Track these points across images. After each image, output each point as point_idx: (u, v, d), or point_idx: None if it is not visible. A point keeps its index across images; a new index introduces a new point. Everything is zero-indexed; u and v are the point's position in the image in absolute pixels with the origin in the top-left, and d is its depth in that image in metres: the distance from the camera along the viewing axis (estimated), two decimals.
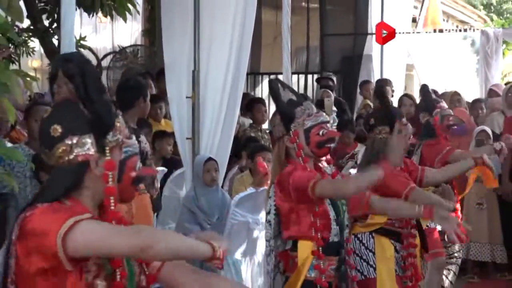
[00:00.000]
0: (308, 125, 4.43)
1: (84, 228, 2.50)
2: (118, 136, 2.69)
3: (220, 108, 7.96)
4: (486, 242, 9.16)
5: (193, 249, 2.71)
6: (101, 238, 2.51)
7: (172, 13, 8.06)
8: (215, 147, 7.91)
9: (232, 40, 8.05)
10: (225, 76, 8.01)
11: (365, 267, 5.38)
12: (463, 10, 20.99)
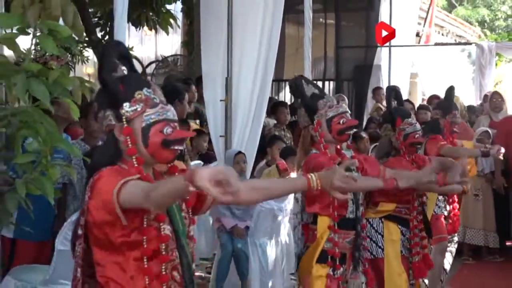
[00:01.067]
0: (329, 115, 4.44)
1: (128, 187, 2.54)
2: (137, 106, 2.67)
3: (249, 110, 7.99)
4: (481, 228, 9.17)
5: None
6: (134, 195, 2.53)
7: (208, 28, 8.09)
8: (245, 144, 7.94)
9: (260, 51, 8.08)
10: (254, 82, 8.04)
11: (374, 247, 5.37)
12: (460, 26, 20.93)
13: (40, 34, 4.73)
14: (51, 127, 4.67)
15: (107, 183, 2.59)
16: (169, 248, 2.67)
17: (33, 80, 4.56)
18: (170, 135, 2.69)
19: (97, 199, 2.62)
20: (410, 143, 5.46)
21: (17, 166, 4.58)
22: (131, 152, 2.66)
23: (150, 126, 2.68)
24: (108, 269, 2.67)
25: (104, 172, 2.64)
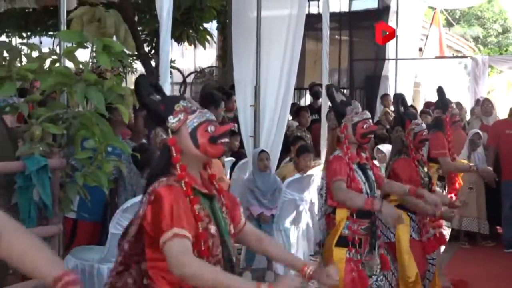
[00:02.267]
0: (355, 120, 4.43)
1: (177, 245, 2.55)
2: (179, 116, 2.67)
3: (274, 114, 8.00)
4: (475, 217, 9.14)
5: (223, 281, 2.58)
6: (175, 255, 2.54)
7: (240, 43, 8.11)
8: (271, 143, 7.94)
9: (283, 63, 8.09)
10: (278, 90, 8.05)
11: (388, 233, 5.38)
12: (458, 42, 20.82)
13: (96, 49, 4.75)
14: (106, 128, 4.70)
15: (160, 215, 2.58)
16: (214, 245, 2.66)
17: (91, 88, 4.58)
18: (214, 131, 2.70)
19: (152, 216, 2.63)
20: (419, 140, 5.50)
21: (77, 161, 4.62)
22: (175, 160, 2.67)
23: (196, 129, 2.68)
24: (158, 263, 2.65)
25: (161, 192, 2.62)
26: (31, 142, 4.39)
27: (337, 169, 4.32)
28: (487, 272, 7.87)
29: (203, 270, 2.53)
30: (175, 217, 2.55)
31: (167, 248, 2.53)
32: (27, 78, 4.73)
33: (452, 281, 7.19)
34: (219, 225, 2.71)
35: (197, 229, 2.62)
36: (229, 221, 2.79)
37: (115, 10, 5.23)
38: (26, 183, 4.29)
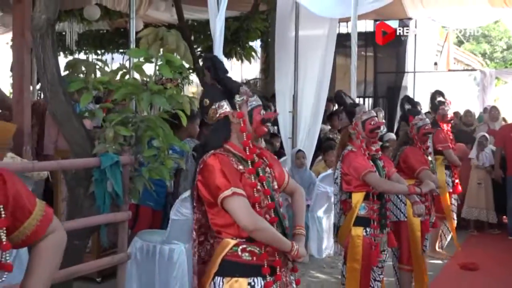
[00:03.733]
0: (364, 118, 4.39)
1: (236, 201, 2.55)
2: (243, 97, 2.72)
3: (309, 119, 7.98)
4: (483, 207, 9.03)
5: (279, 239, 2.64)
6: (237, 211, 2.55)
7: (280, 59, 8.10)
8: (306, 144, 7.93)
9: (317, 75, 8.07)
10: (314, 98, 8.04)
11: (398, 212, 5.33)
12: (468, 57, 20.54)
13: (160, 63, 4.78)
14: (168, 130, 4.72)
15: (213, 178, 2.58)
16: (262, 198, 2.64)
17: (155, 96, 4.61)
18: (265, 115, 2.76)
19: (203, 181, 2.63)
20: (422, 133, 5.42)
21: (143, 158, 4.65)
22: (244, 129, 2.69)
23: (253, 109, 2.73)
24: (218, 219, 2.64)
25: (208, 160, 2.63)
26: (106, 142, 4.44)
27: (363, 163, 4.28)
28: (493, 256, 7.78)
29: (267, 224, 2.59)
30: (230, 178, 2.55)
31: (230, 204, 2.53)
32: (101, 89, 4.79)
33: (463, 263, 7.12)
34: (263, 182, 2.69)
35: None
36: (272, 179, 2.77)
37: (175, 30, 5.24)
38: (101, 176, 4.33)
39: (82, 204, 4.50)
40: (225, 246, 2.60)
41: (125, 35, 11.74)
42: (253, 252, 2.60)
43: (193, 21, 11.78)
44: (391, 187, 4.34)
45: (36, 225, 1.74)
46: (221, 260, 2.60)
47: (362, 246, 4.26)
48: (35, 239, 1.76)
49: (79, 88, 4.52)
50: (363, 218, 4.30)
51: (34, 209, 1.74)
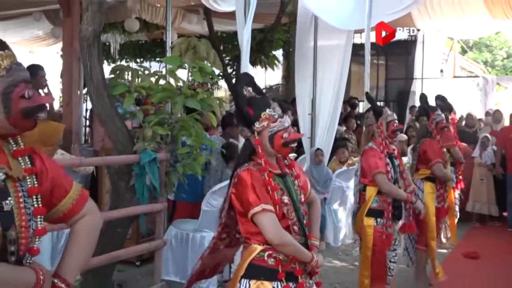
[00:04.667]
0: (389, 119, 4.40)
1: (265, 218, 2.52)
2: (263, 123, 2.59)
3: (327, 121, 7.93)
4: (485, 201, 8.93)
5: (301, 252, 2.59)
6: (265, 227, 2.51)
7: (301, 66, 8.07)
8: (323, 143, 7.88)
9: (334, 82, 8.01)
10: (330, 102, 7.98)
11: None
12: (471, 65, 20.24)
13: (192, 69, 4.79)
14: (199, 130, 4.74)
15: (246, 193, 2.54)
16: (289, 211, 2.59)
17: (188, 100, 4.63)
18: (287, 138, 2.63)
19: (237, 194, 2.59)
20: (440, 128, 5.53)
21: (178, 155, 4.67)
22: (261, 156, 2.59)
23: (274, 134, 2.61)
24: (248, 228, 2.60)
25: (242, 175, 2.57)
26: (145, 141, 4.46)
27: (378, 162, 4.25)
28: (494, 246, 7.68)
29: (291, 239, 2.54)
30: (260, 195, 2.51)
31: (259, 220, 2.51)
32: (143, 93, 4.82)
33: (466, 252, 7.05)
34: (291, 195, 2.64)
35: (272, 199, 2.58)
36: (299, 191, 2.71)
37: (206, 39, 5.25)
38: (141, 171, 4.36)
39: (124, 196, 4.54)
40: (252, 251, 2.58)
41: (161, 45, 11.80)
42: (277, 258, 2.57)
43: (222, 32, 11.78)
44: (392, 191, 4.27)
45: (72, 203, 1.77)
46: (248, 264, 2.58)
47: (373, 235, 4.23)
48: (71, 216, 1.77)
49: (122, 92, 4.56)
50: (375, 210, 4.27)
51: (70, 189, 1.77)
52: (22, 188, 1.60)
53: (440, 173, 5.41)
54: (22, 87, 1.51)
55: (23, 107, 1.52)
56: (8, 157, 1.61)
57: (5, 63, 1.51)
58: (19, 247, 1.56)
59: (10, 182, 1.58)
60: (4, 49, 1.54)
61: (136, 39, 12.67)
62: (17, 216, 1.56)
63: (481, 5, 9.97)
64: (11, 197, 1.56)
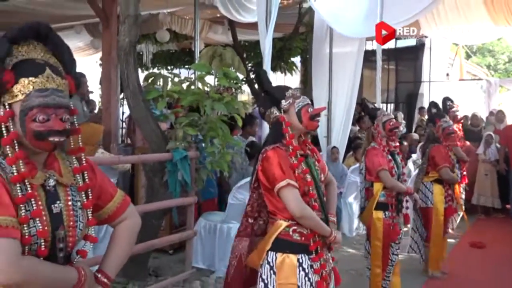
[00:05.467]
0: (384, 120, 4.32)
1: (289, 192, 2.50)
2: (289, 100, 2.60)
3: (342, 121, 7.92)
4: (489, 195, 8.81)
5: (321, 226, 2.57)
6: (289, 201, 2.50)
7: (317, 71, 8.09)
8: (339, 142, 7.88)
9: (348, 85, 8.01)
10: (345, 104, 7.97)
11: (426, 200, 5.35)
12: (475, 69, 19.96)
13: (219, 75, 4.81)
14: (226, 130, 4.75)
15: (272, 169, 2.52)
16: (310, 188, 2.58)
17: (215, 103, 4.64)
18: (312, 112, 2.63)
19: (263, 170, 2.57)
20: (446, 133, 5.49)
21: (206, 153, 4.69)
22: (286, 131, 2.58)
23: (300, 109, 2.61)
24: (274, 202, 2.59)
25: (269, 153, 2.56)
26: (176, 140, 4.49)
27: (380, 161, 4.21)
28: (498, 236, 7.56)
29: (312, 213, 2.54)
30: (286, 171, 2.51)
31: (284, 193, 2.50)
32: (174, 97, 4.85)
33: (472, 242, 6.96)
34: (313, 174, 2.63)
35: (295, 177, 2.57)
36: (319, 171, 2.69)
37: (231, 47, 5.27)
38: (173, 168, 4.39)
39: (158, 191, 4.57)
40: (278, 226, 2.58)
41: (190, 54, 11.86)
42: (302, 233, 2.57)
43: (245, 41, 11.80)
44: (395, 185, 4.22)
45: (116, 207, 1.81)
46: (275, 238, 2.57)
47: (382, 227, 4.21)
48: (115, 218, 1.82)
49: (155, 96, 4.59)
50: (382, 203, 4.23)
51: (115, 194, 1.82)
52: (71, 192, 1.65)
53: (447, 176, 5.40)
54: (34, 112, 1.52)
55: (33, 129, 1.53)
56: (61, 164, 1.66)
57: (28, 87, 1.53)
58: (67, 244, 1.61)
59: (61, 187, 1.63)
60: (36, 76, 1.55)
61: (166, 49, 12.75)
62: (66, 217, 1.60)
63: (484, 13, 9.88)
64: (60, 201, 1.60)
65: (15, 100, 1.53)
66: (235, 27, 10.12)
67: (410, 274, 5.37)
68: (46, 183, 1.59)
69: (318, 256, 2.58)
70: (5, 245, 1.41)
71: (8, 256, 1.41)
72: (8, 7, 8.10)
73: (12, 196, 1.48)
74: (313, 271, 2.55)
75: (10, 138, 1.53)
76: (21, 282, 1.43)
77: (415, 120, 12.48)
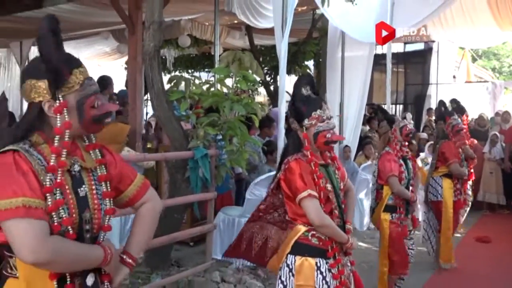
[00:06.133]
0: (401, 125, 4.31)
1: (310, 203, 2.51)
2: (312, 122, 2.56)
3: (353, 122, 7.88)
4: (494, 192, 8.72)
5: (339, 233, 2.57)
6: (309, 210, 2.52)
7: (330, 74, 8.05)
8: (351, 141, 7.83)
9: (359, 87, 7.98)
10: (356, 105, 7.93)
11: (436, 193, 5.35)
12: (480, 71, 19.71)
13: (238, 78, 4.81)
14: (244, 130, 4.75)
15: (294, 180, 2.52)
16: (331, 197, 2.58)
17: (234, 104, 4.64)
18: (329, 138, 2.60)
19: (286, 179, 2.57)
20: (456, 130, 5.47)
21: (226, 151, 4.69)
22: (307, 149, 2.58)
23: (319, 133, 2.58)
24: (294, 209, 2.60)
25: (291, 164, 2.55)
26: (197, 139, 4.50)
27: (392, 166, 4.18)
28: (503, 231, 7.46)
29: (331, 222, 2.54)
30: (307, 182, 2.51)
31: (305, 204, 2.50)
32: (196, 98, 4.85)
33: (478, 237, 6.89)
34: (333, 183, 2.62)
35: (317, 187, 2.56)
36: (339, 180, 2.68)
37: (249, 52, 5.27)
38: (194, 165, 4.40)
39: (180, 186, 4.59)
40: (298, 231, 2.57)
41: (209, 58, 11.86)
42: (320, 238, 2.56)
43: (261, 46, 11.77)
44: (401, 192, 4.17)
45: (136, 190, 1.82)
46: (294, 242, 2.57)
47: (389, 228, 4.19)
48: (136, 201, 1.82)
49: (178, 98, 4.61)
50: (390, 206, 4.21)
51: (134, 178, 1.82)
52: (94, 177, 1.67)
53: (457, 171, 5.39)
54: (92, 99, 1.59)
55: (93, 114, 1.59)
56: (82, 151, 1.68)
57: (80, 77, 1.58)
58: (92, 225, 1.62)
59: (84, 172, 1.65)
60: (79, 66, 1.61)
61: (187, 53, 12.78)
62: (91, 200, 1.62)
63: (490, 18, 9.78)
64: (85, 185, 1.62)
65: (71, 90, 1.57)
66: (252, 32, 10.13)
67: (418, 267, 5.33)
68: (72, 169, 1.61)
69: (336, 262, 2.58)
70: (35, 226, 1.42)
71: (37, 236, 1.41)
72: (41, 15, 8.19)
73: (41, 183, 1.49)
74: (331, 276, 2.54)
75: (64, 127, 1.56)
76: (49, 261, 1.44)
77: (423, 121, 12.37)
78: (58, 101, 1.56)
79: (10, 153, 1.49)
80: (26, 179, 1.46)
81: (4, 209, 1.40)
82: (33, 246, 1.40)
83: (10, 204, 1.40)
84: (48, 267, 1.48)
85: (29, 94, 1.58)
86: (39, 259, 1.42)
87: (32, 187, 1.46)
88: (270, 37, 8.12)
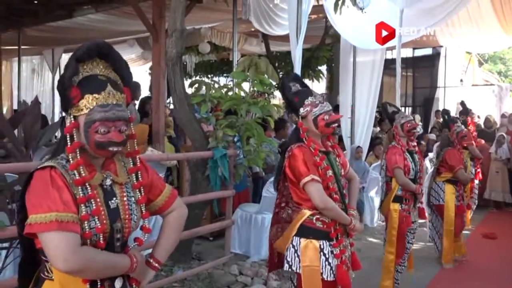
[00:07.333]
0: (402, 122, 4.21)
1: (313, 188, 2.52)
2: (307, 109, 2.59)
3: (364, 123, 7.82)
4: (500, 190, 8.56)
5: (342, 215, 2.57)
6: (313, 195, 2.53)
7: (343, 78, 8.01)
8: (362, 142, 7.77)
9: (370, 91, 7.89)
10: (366, 108, 7.86)
11: (438, 197, 5.22)
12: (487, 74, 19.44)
13: (254, 82, 4.81)
14: (260, 131, 4.75)
15: (298, 166, 2.53)
16: (331, 183, 2.57)
17: (251, 106, 4.65)
18: (328, 119, 2.60)
19: (290, 165, 2.58)
20: (460, 137, 5.42)
21: (244, 151, 4.69)
22: (303, 136, 2.59)
23: (317, 117, 2.59)
24: (299, 194, 2.60)
25: (294, 151, 2.57)
26: (217, 140, 4.52)
27: (397, 159, 4.14)
28: (509, 228, 7.32)
29: (334, 205, 2.55)
30: (310, 167, 2.51)
31: (309, 188, 2.51)
32: (213, 101, 4.87)
33: (485, 233, 6.79)
34: (334, 169, 2.62)
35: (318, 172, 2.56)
36: (340, 167, 2.68)
37: (265, 57, 5.27)
38: (214, 164, 4.42)
39: (200, 184, 4.61)
40: (303, 215, 2.59)
41: (228, 64, 11.91)
42: (324, 221, 2.58)
43: (276, 52, 11.79)
44: (406, 183, 4.11)
45: (165, 200, 1.83)
46: (299, 225, 2.58)
47: (398, 217, 4.15)
48: (165, 209, 1.84)
49: (199, 101, 4.63)
50: (400, 196, 4.16)
51: (164, 189, 1.84)
52: (126, 189, 1.68)
53: (463, 177, 5.32)
54: (96, 125, 1.55)
55: (95, 140, 1.56)
56: (117, 164, 1.69)
57: (92, 103, 1.55)
58: (123, 234, 1.64)
59: (116, 186, 1.66)
60: (97, 93, 1.57)
61: (207, 59, 12.84)
62: (122, 211, 1.63)
63: (496, 23, 9.63)
64: (116, 197, 1.64)
65: (80, 113, 1.56)
66: (268, 39, 10.13)
67: (426, 262, 5.27)
68: (103, 183, 1.62)
69: (338, 242, 2.60)
70: (67, 238, 1.45)
71: (69, 247, 1.44)
72: (71, 24, 8.31)
73: (74, 196, 1.52)
74: (333, 256, 2.57)
75: (74, 147, 1.56)
76: (80, 269, 1.47)
77: (431, 122, 12.23)
78: (69, 121, 1.57)
79: (47, 169, 1.51)
80: (60, 194, 1.48)
81: (40, 223, 1.44)
82: (65, 257, 1.43)
83: (45, 219, 1.44)
84: (79, 275, 1.51)
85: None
86: (70, 268, 1.45)
87: (65, 202, 1.48)
88: (285, 43, 8.13)
